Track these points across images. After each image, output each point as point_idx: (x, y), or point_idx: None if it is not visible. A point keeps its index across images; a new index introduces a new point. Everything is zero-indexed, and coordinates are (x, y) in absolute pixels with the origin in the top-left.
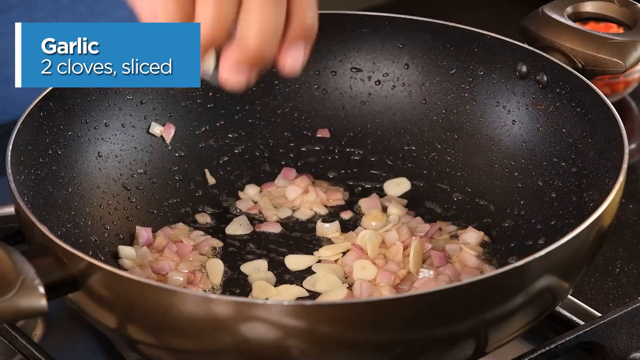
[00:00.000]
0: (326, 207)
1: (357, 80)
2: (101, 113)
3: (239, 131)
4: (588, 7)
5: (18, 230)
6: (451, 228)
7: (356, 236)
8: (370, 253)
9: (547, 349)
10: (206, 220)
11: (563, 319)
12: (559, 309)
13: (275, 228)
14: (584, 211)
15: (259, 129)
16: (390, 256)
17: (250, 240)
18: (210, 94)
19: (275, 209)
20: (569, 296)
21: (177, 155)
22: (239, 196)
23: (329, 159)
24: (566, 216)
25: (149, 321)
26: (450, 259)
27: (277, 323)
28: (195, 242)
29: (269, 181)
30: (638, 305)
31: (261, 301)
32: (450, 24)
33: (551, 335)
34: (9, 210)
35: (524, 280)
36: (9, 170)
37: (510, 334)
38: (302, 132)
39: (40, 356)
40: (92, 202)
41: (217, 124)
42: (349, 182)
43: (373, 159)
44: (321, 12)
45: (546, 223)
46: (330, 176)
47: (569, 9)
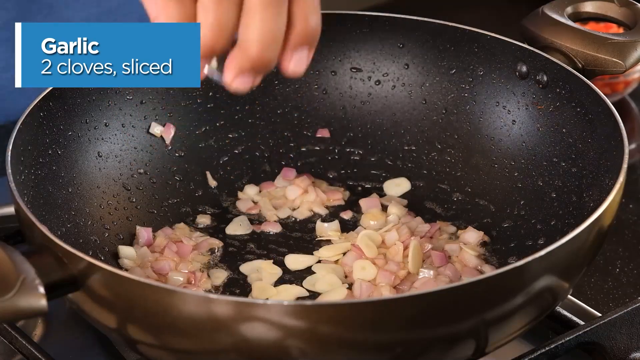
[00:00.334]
0: (326, 207)
1: (357, 80)
2: (101, 113)
3: (239, 131)
4: (588, 7)
5: (18, 230)
6: (451, 228)
7: (356, 236)
8: (368, 253)
9: (547, 349)
10: (206, 221)
11: (563, 319)
12: (559, 309)
13: (275, 228)
14: (584, 211)
15: (259, 129)
16: (390, 256)
17: (250, 240)
18: (210, 94)
19: (275, 209)
20: (569, 296)
21: (177, 155)
22: (239, 196)
23: (329, 159)
24: (566, 216)
25: (149, 321)
26: (450, 259)
27: (277, 323)
28: (195, 242)
29: (269, 181)
30: (638, 305)
31: (261, 301)
32: (450, 24)
33: (551, 335)
34: (9, 210)
35: (524, 280)
36: (9, 170)
37: (510, 334)
38: (302, 132)
39: (40, 356)
40: (92, 202)
41: (217, 124)
42: (349, 182)
43: (373, 159)
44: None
45: (546, 223)
46: (330, 176)
47: (569, 9)
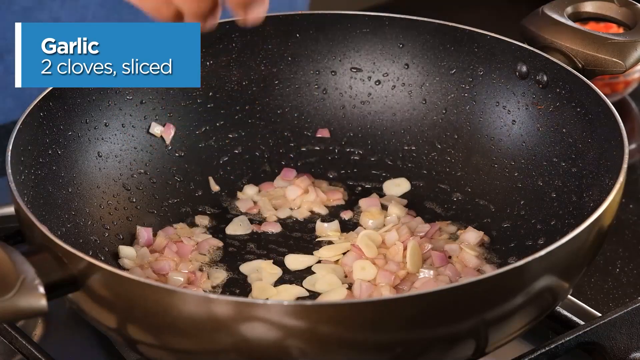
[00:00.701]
0: (326, 207)
1: (357, 80)
2: (101, 113)
3: (239, 131)
4: (588, 7)
5: (18, 230)
6: (451, 228)
7: (356, 236)
8: (368, 253)
9: (547, 349)
10: (206, 221)
11: (563, 319)
12: (559, 309)
13: (275, 228)
14: (584, 211)
15: (259, 129)
16: (390, 256)
17: (250, 240)
18: (210, 94)
19: (274, 209)
20: (569, 296)
21: (177, 155)
22: (239, 196)
23: (329, 159)
24: (566, 216)
25: (149, 321)
26: (450, 259)
27: (277, 323)
28: (195, 242)
29: (268, 181)
30: (638, 305)
31: (261, 301)
32: (450, 24)
33: (551, 335)
34: (9, 210)
35: (524, 280)
36: (9, 170)
37: (510, 334)
38: (302, 132)
39: (40, 356)
40: (92, 202)
41: (217, 124)
42: (349, 182)
43: (373, 159)
44: (321, 12)
45: (546, 223)
46: (330, 176)
47: (569, 9)
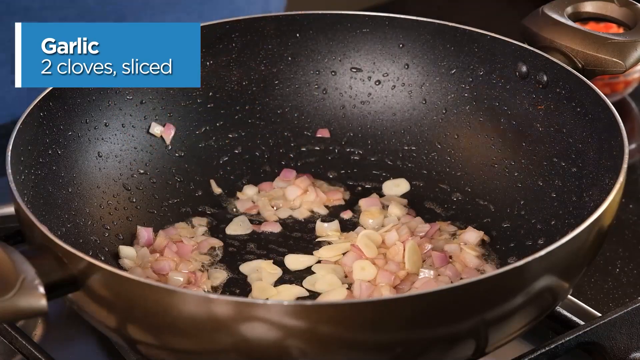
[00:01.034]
0: (326, 207)
1: (357, 80)
2: (101, 113)
3: (239, 131)
4: (588, 7)
5: (18, 230)
6: (451, 228)
7: (356, 236)
8: (367, 254)
9: (547, 349)
10: (206, 221)
11: (563, 319)
12: (559, 309)
13: (275, 228)
14: (584, 211)
15: (259, 129)
16: (390, 256)
17: (250, 240)
18: (210, 94)
19: (274, 209)
20: (569, 296)
21: (177, 155)
22: (238, 196)
23: (329, 159)
24: (566, 216)
25: (149, 321)
26: (450, 259)
27: (277, 323)
28: (195, 242)
29: (268, 181)
30: (638, 305)
31: (261, 301)
32: (450, 24)
33: (551, 335)
34: (9, 210)
35: (524, 280)
36: (9, 170)
37: (510, 334)
38: (302, 132)
39: (40, 356)
40: (92, 202)
41: (217, 124)
42: (349, 182)
43: (373, 159)
44: (321, 12)
45: (546, 223)
46: (330, 176)
47: (569, 9)
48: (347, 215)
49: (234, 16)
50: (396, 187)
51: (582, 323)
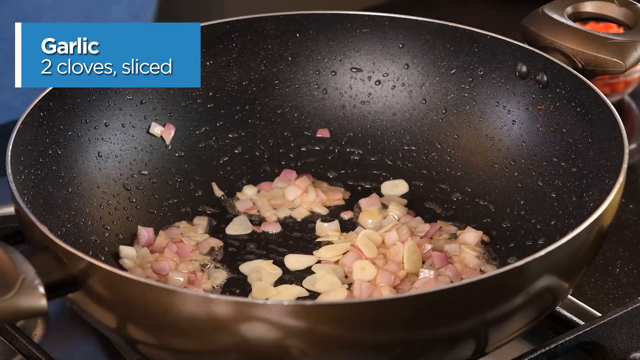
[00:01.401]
0: (326, 207)
1: (357, 80)
2: (101, 113)
3: (239, 131)
4: (588, 7)
5: (18, 230)
6: (451, 228)
7: (356, 236)
8: (367, 254)
9: (547, 349)
10: (206, 220)
11: (563, 319)
12: (559, 309)
13: (275, 228)
14: (584, 211)
15: (259, 129)
16: (390, 256)
17: (250, 240)
18: (210, 94)
19: (274, 209)
20: (569, 296)
21: (177, 155)
22: (238, 196)
23: (329, 159)
24: (566, 216)
25: (149, 321)
26: (450, 259)
27: (277, 323)
28: (195, 242)
29: (267, 182)
30: (638, 305)
31: (261, 301)
32: (450, 24)
33: (551, 335)
34: (9, 210)
35: (524, 280)
36: (9, 170)
37: (510, 334)
38: (302, 132)
39: (40, 356)
40: (92, 202)
41: (217, 124)
42: (349, 182)
43: (373, 159)
44: (321, 12)
45: (546, 223)
46: (330, 176)
47: (569, 9)
48: (347, 215)
49: None
50: (395, 187)
51: (582, 323)
